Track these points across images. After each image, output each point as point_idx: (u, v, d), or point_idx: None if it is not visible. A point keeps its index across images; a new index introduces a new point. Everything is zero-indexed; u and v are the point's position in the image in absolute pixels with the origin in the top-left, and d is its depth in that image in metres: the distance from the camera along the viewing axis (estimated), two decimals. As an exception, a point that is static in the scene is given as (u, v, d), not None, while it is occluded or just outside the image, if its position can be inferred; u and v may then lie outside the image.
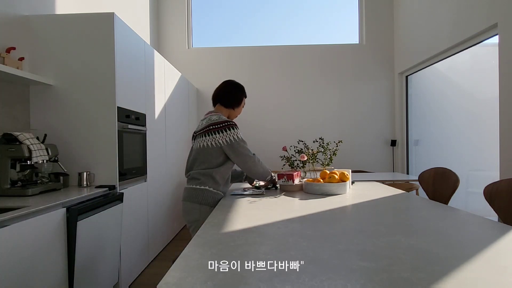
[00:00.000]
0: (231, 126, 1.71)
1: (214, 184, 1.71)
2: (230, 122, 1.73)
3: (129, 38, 2.49)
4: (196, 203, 1.68)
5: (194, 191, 1.70)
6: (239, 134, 1.72)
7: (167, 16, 4.76)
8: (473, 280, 0.67)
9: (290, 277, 0.68)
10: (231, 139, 1.69)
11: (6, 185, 1.78)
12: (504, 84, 2.59)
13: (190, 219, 1.70)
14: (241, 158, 1.72)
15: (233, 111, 1.89)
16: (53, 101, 2.22)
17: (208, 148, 1.71)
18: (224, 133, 1.69)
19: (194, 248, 0.88)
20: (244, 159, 1.72)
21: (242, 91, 1.90)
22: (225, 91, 1.87)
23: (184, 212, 1.74)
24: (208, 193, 1.69)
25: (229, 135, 1.69)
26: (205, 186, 1.70)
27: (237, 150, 1.70)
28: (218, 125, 1.72)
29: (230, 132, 1.69)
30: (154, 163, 2.94)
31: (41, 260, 1.50)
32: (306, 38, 5.02)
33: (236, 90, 1.88)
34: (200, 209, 1.67)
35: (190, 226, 1.71)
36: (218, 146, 1.70)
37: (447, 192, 2.02)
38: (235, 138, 1.69)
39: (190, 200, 1.70)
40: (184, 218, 1.75)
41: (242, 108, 1.94)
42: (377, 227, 1.11)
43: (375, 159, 4.67)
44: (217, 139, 1.70)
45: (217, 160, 1.72)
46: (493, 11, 2.71)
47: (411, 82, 4.53)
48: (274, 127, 4.67)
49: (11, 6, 2.11)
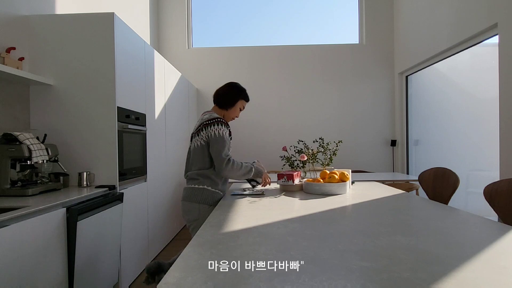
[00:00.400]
0: (217, 122, 1.70)
1: (212, 183, 1.71)
2: (217, 119, 1.72)
3: (129, 38, 2.49)
4: (195, 203, 1.68)
5: (193, 190, 1.71)
6: (222, 132, 1.69)
7: (167, 16, 4.76)
8: (473, 280, 0.67)
9: (290, 277, 0.68)
10: (212, 134, 1.68)
11: (6, 185, 1.78)
12: (504, 84, 2.59)
13: (190, 218, 1.71)
14: (214, 154, 1.69)
15: (226, 112, 1.87)
16: (53, 101, 2.22)
17: (201, 147, 1.71)
18: (208, 128, 1.69)
19: (194, 248, 0.88)
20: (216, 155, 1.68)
21: (238, 93, 1.86)
22: (221, 92, 1.86)
23: (184, 212, 1.74)
24: (206, 192, 1.69)
25: (212, 130, 1.68)
26: (204, 186, 1.70)
27: (213, 146, 1.68)
28: (207, 121, 1.72)
29: (214, 127, 1.68)
30: (154, 163, 2.94)
31: (41, 260, 1.50)
32: (306, 38, 5.02)
33: (232, 92, 1.86)
34: (199, 208, 1.67)
35: (190, 225, 1.72)
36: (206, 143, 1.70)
37: (447, 192, 2.02)
38: (215, 134, 1.67)
39: (189, 200, 1.70)
40: (184, 218, 1.75)
41: (239, 111, 1.91)
42: (377, 227, 1.11)
43: (375, 159, 4.67)
44: (204, 135, 1.71)
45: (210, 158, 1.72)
46: (493, 11, 2.71)
47: (411, 82, 4.53)
48: (274, 127, 4.67)
49: (11, 6, 2.11)
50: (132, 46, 2.56)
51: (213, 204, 1.69)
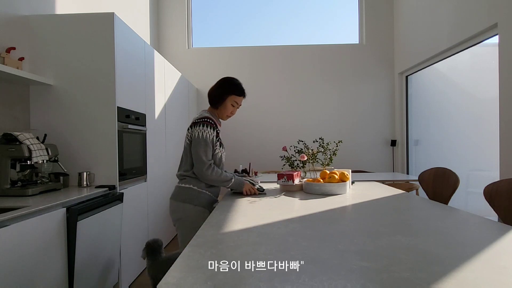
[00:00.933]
0: (202, 123, 1.64)
1: (198, 183, 1.67)
2: (201, 119, 1.66)
3: (129, 38, 2.49)
4: (180, 202, 1.66)
5: (179, 189, 1.69)
6: (205, 134, 1.62)
7: (167, 16, 4.76)
8: (473, 280, 0.67)
9: (290, 277, 0.68)
10: (196, 135, 1.63)
11: (6, 185, 1.78)
12: (504, 84, 2.59)
13: (174, 217, 1.68)
14: (194, 156, 1.64)
15: (218, 110, 1.78)
16: (53, 101, 2.22)
17: (188, 147, 1.70)
18: (193, 128, 1.66)
19: (194, 248, 0.88)
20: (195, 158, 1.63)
21: (227, 88, 1.73)
22: (210, 89, 1.79)
23: (170, 210, 1.71)
24: (191, 191, 1.66)
25: (196, 131, 1.64)
26: (189, 185, 1.67)
27: (194, 147, 1.64)
28: (194, 121, 1.69)
29: (197, 128, 1.64)
30: (154, 163, 2.94)
31: (41, 260, 1.50)
32: (306, 38, 5.02)
33: (220, 88, 1.74)
34: (184, 207, 1.64)
35: (175, 224, 1.69)
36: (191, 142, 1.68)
37: (447, 192, 2.02)
38: (197, 135, 1.62)
39: (175, 198, 1.68)
40: (170, 216, 1.72)
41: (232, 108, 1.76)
42: (377, 227, 1.11)
43: (375, 159, 4.67)
44: (189, 135, 1.68)
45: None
46: (493, 11, 2.71)
47: (411, 82, 4.53)
48: (274, 127, 4.67)
49: (11, 6, 2.11)
50: (132, 46, 2.56)
51: (198, 204, 1.65)
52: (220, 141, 1.75)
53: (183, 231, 1.63)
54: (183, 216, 1.64)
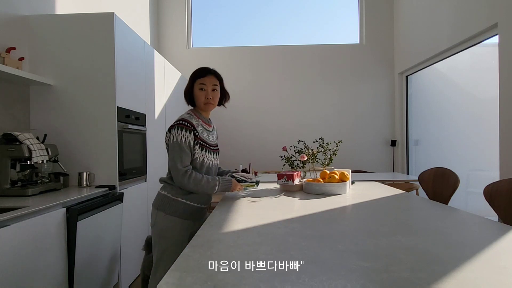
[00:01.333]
0: (175, 126, 1.52)
1: (172, 190, 1.55)
2: (179, 122, 1.55)
3: (129, 38, 2.49)
4: (154, 208, 1.57)
5: (157, 195, 1.61)
6: (180, 138, 1.49)
7: (167, 16, 4.76)
8: (473, 280, 0.67)
9: (290, 277, 0.68)
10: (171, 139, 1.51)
11: (6, 185, 1.78)
12: (504, 84, 2.59)
13: (150, 223, 1.60)
14: (169, 162, 1.52)
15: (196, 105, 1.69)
16: (53, 101, 2.22)
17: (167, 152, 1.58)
18: (170, 132, 1.54)
19: (194, 248, 0.88)
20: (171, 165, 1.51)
21: (190, 79, 1.67)
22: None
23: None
24: (165, 199, 1.55)
25: (171, 135, 1.52)
26: (164, 191, 1.57)
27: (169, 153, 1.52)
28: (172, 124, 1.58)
29: (173, 132, 1.51)
30: (154, 163, 2.94)
31: (41, 260, 1.50)
32: (306, 38, 5.02)
33: (187, 84, 1.68)
34: (156, 214, 1.54)
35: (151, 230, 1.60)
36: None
37: (447, 192, 2.02)
38: (172, 140, 1.50)
39: (153, 204, 1.60)
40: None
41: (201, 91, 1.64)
42: (377, 227, 1.11)
43: (375, 159, 4.67)
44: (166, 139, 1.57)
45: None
46: (493, 11, 2.71)
47: (411, 82, 4.53)
48: (274, 127, 4.67)
49: (11, 6, 2.11)
50: (132, 46, 2.56)
51: (171, 213, 1.51)
52: (203, 144, 1.57)
53: (154, 239, 1.55)
54: (155, 223, 1.54)
